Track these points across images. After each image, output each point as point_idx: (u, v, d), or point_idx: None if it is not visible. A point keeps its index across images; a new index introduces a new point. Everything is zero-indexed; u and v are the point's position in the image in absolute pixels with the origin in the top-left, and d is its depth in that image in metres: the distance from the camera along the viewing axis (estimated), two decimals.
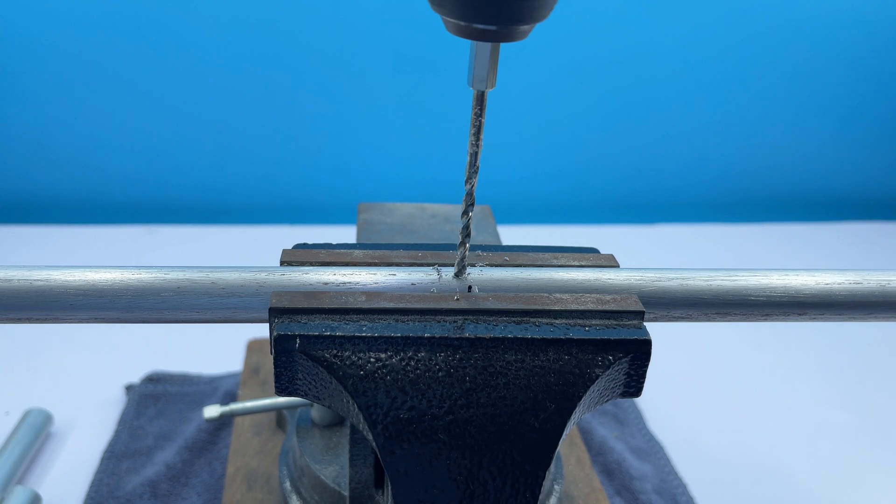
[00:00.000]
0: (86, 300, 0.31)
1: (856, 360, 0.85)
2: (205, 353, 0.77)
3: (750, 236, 1.17)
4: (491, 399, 0.30)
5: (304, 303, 0.31)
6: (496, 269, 0.35)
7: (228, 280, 0.32)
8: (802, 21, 1.11)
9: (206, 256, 1.00)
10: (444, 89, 1.10)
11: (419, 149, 1.15)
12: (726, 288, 0.34)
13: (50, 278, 0.31)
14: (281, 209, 1.16)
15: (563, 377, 0.31)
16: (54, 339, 0.79)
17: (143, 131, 1.08)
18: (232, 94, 1.06)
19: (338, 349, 0.30)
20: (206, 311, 0.32)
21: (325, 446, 0.51)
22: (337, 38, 1.04)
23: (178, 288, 0.32)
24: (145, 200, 1.13)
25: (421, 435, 0.30)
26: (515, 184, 1.20)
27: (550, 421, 0.30)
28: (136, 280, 0.32)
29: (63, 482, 0.61)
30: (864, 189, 1.29)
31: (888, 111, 1.22)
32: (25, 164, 1.08)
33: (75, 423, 0.67)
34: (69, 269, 0.32)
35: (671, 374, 0.79)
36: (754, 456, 0.69)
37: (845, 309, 0.35)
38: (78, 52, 1.00)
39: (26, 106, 1.03)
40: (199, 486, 0.59)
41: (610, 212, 1.23)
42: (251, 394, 0.65)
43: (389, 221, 0.49)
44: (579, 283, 0.34)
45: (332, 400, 0.31)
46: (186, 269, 0.32)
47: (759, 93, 1.16)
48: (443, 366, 0.30)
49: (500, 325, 0.31)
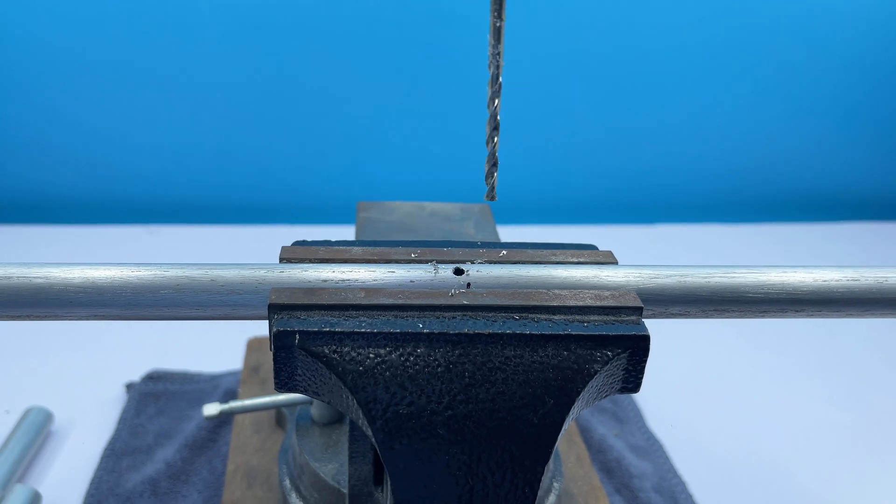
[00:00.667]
0: (85, 297, 0.31)
1: (855, 360, 0.85)
2: (205, 351, 0.77)
3: (749, 236, 1.17)
4: (490, 394, 0.30)
5: (303, 299, 0.31)
6: (494, 265, 0.35)
7: (227, 277, 0.32)
8: (802, 21, 1.11)
9: (206, 256, 0.99)
10: (443, 89, 1.10)
11: (419, 149, 1.15)
12: (724, 285, 0.35)
13: (49, 275, 0.31)
14: (281, 209, 1.16)
15: (562, 373, 0.31)
16: (55, 337, 0.79)
17: (144, 131, 1.08)
18: (232, 95, 1.06)
19: (337, 345, 0.30)
20: (206, 307, 0.32)
21: (324, 444, 0.51)
22: (336, 38, 1.04)
23: (177, 285, 0.32)
24: (145, 200, 1.14)
25: (420, 430, 0.30)
26: (515, 184, 1.20)
27: (549, 416, 0.31)
28: (136, 277, 0.32)
29: (63, 480, 0.61)
30: (863, 189, 1.29)
31: (887, 112, 1.22)
32: (26, 164, 1.08)
33: (76, 422, 0.67)
34: (68, 266, 0.32)
35: (671, 372, 0.79)
36: (754, 454, 0.69)
37: (843, 306, 0.35)
38: (78, 51, 1.00)
39: (27, 106, 1.03)
40: (200, 484, 0.59)
41: (609, 212, 1.23)
42: (251, 392, 0.66)
43: (389, 220, 0.49)
44: (577, 280, 0.34)
45: (332, 396, 0.31)
46: (186, 267, 0.33)
47: (758, 93, 1.17)
48: (442, 361, 0.30)
49: (498, 320, 0.31)
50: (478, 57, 1.08)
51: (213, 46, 1.02)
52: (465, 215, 0.51)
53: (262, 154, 1.12)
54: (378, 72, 1.07)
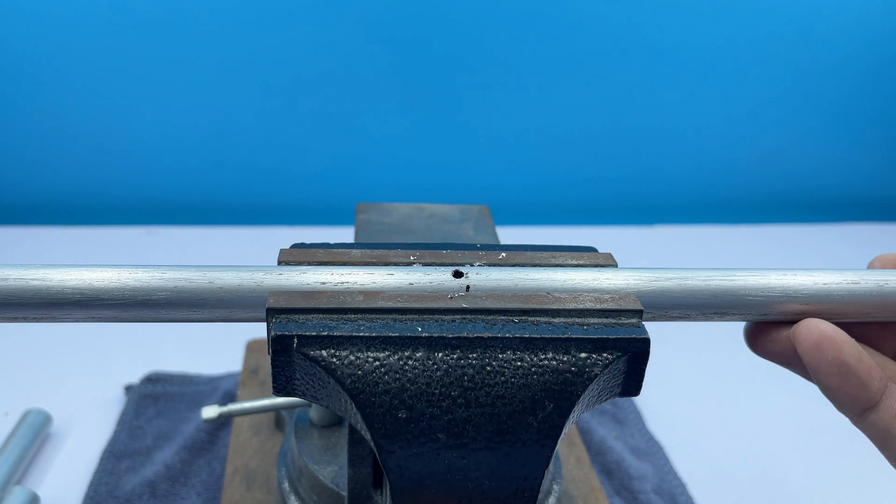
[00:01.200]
0: (83, 299, 0.31)
1: None
2: (204, 353, 0.77)
3: (749, 237, 1.17)
4: (490, 398, 0.30)
5: (301, 302, 0.31)
6: (493, 268, 0.35)
7: (226, 280, 0.32)
8: (802, 22, 1.11)
9: (205, 257, 1.00)
10: (443, 89, 1.10)
11: (418, 149, 1.15)
12: (724, 287, 0.34)
13: (46, 277, 0.31)
14: (280, 210, 1.16)
15: (562, 376, 0.31)
16: (53, 339, 0.79)
17: (143, 132, 1.08)
18: (231, 95, 1.06)
19: (336, 349, 0.30)
20: (204, 310, 0.32)
21: (323, 446, 0.51)
22: (336, 39, 1.04)
23: (175, 287, 0.32)
24: (145, 201, 1.13)
25: (419, 435, 0.30)
26: (514, 184, 1.20)
27: (549, 420, 0.30)
28: (133, 279, 0.32)
29: (62, 482, 0.60)
30: (863, 190, 1.29)
31: (888, 113, 1.22)
32: (25, 165, 1.08)
33: (74, 424, 0.67)
34: (66, 268, 0.32)
35: (670, 374, 0.79)
36: (754, 456, 0.69)
37: (842, 308, 0.35)
38: (77, 52, 1.00)
39: (26, 106, 1.03)
40: (199, 486, 0.59)
41: (609, 213, 1.23)
42: (250, 394, 0.65)
43: (388, 221, 0.49)
44: (577, 284, 0.34)
45: (330, 400, 0.31)
46: (184, 269, 0.32)
47: (758, 94, 1.17)
48: (441, 365, 0.30)
49: (498, 324, 0.31)
50: (478, 57, 1.08)
51: (213, 47, 1.02)
52: (463, 217, 0.50)
53: (261, 155, 1.12)
54: (377, 72, 1.07)
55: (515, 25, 1.05)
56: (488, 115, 1.13)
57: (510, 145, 1.16)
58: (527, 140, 1.16)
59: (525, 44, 1.07)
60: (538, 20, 1.05)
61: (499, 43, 1.07)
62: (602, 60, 1.10)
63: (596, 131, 1.16)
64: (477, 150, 1.16)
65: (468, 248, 0.37)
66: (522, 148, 1.17)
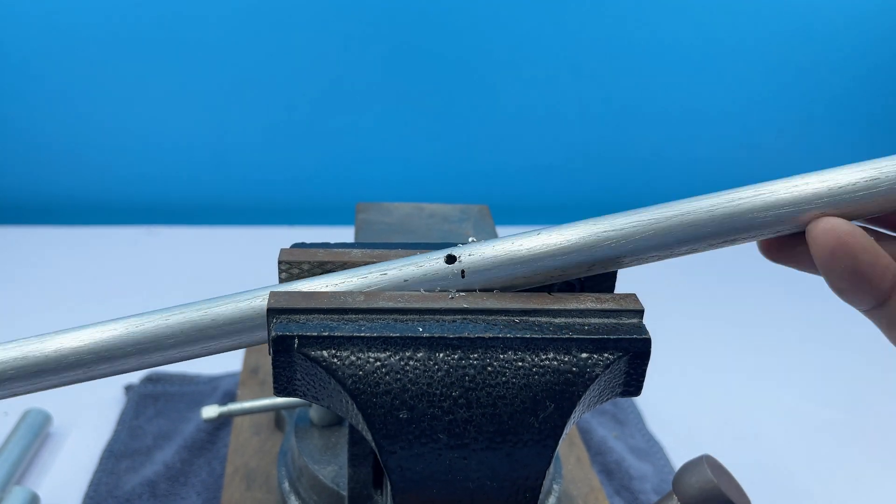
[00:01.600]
0: (97, 359, 0.32)
1: (855, 360, 0.85)
2: None
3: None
4: (491, 398, 0.30)
5: (302, 303, 0.31)
6: (486, 244, 0.34)
7: (227, 314, 0.32)
8: (801, 21, 1.11)
9: (205, 257, 1.00)
10: (442, 89, 1.10)
11: (418, 149, 1.15)
12: (729, 213, 0.33)
13: (62, 346, 0.32)
14: (280, 209, 1.16)
15: (563, 376, 0.30)
16: None
17: (143, 132, 1.08)
18: (231, 95, 1.06)
19: (337, 349, 0.30)
20: (212, 342, 0.33)
21: (323, 446, 0.51)
22: (334, 38, 1.04)
23: (181, 331, 0.32)
24: (145, 200, 1.13)
25: (420, 435, 0.30)
26: (514, 184, 1.20)
27: (550, 420, 0.30)
28: (141, 332, 0.32)
29: (62, 482, 0.60)
30: None
31: (888, 113, 1.22)
32: (25, 165, 1.08)
33: (74, 424, 0.67)
34: (76, 331, 0.32)
35: (670, 374, 0.79)
36: (754, 456, 0.69)
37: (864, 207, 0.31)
38: (77, 51, 1.00)
39: (26, 106, 1.03)
40: (199, 486, 0.59)
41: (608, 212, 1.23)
42: (250, 394, 0.65)
43: (388, 221, 0.49)
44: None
45: (331, 400, 0.31)
46: (185, 309, 0.32)
47: (758, 93, 1.17)
48: (442, 365, 0.30)
49: (499, 323, 0.31)
50: (478, 57, 1.08)
51: (213, 47, 1.02)
52: (463, 216, 0.50)
53: (261, 155, 1.12)
54: (378, 72, 1.07)
55: (515, 25, 1.05)
56: (488, 116, 1.13)
57: (510, 145, 1.16)
58: (527, 140, 1.16)
59: (525, 44, 1.07)
60: (538, 20, 1.05)
61: (499, 43, 1.07)
62: (602, 60, 1.10)
63: (596, 131, 1.16)
64: (477, 150, 1.16)
65: (463, 244, 0.37)
66: (522, 148, 1.17)
